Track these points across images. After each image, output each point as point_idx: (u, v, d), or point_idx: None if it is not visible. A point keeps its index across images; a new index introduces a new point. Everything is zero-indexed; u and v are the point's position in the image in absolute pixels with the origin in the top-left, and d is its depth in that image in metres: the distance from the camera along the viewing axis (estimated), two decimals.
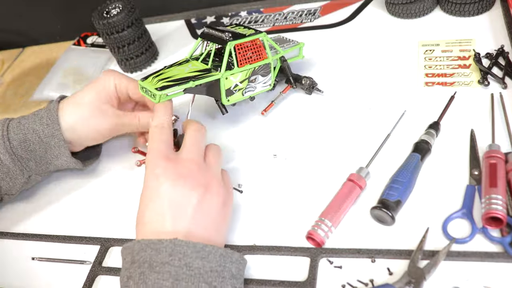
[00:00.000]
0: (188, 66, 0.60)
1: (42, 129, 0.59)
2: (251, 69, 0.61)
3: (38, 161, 0.61)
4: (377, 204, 0.49)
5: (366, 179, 0.53)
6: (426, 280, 0.44)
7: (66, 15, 1.05)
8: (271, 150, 0.62)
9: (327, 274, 0.48)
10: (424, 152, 0.53)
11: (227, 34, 0.59)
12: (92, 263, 0.57)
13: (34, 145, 0.60)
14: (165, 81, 0.56)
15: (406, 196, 0.50)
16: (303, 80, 0.67)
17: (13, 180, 0.61)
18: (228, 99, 0.61)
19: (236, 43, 0.59)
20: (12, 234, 0.64)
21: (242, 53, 0.60)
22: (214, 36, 0.61)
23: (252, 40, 0.60)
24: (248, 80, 0.61)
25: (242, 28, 0.64)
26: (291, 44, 0.69)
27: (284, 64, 0.66)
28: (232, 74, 0.59)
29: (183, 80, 0.56)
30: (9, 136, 0.59)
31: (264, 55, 0.62)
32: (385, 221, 0.49)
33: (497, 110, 0.56)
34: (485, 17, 0.70)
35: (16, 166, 0.60)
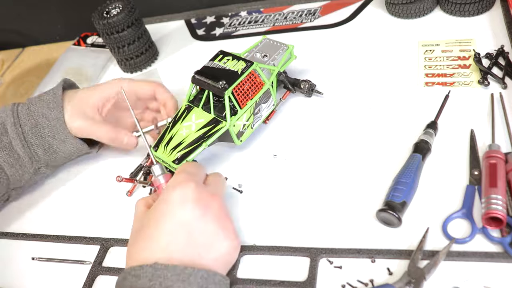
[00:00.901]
0: (192, 118, 0.59)
1: (49, 113, 0.61)
2: (253, 104, 0.60)
3: (46, 148, 0.61)
4: (383, 207, 0.49)
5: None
6: (426, 280, 0.44)
7: (66, 15, 1.05)
8: (271, 150, 0.62)
9: (327, 274, 0.48)
10: (424, 152, 0.53)
11: (221, 83, 0.58)
12: (92, 263, 0.57)
13: (44, 130, 0.61)
14: (179, 149, 0.57)
15: (411, 197, 0.50)
16: (302, 84, 0.66)
17: (22, 169, 0.62)
18: (240, 140, 0.61)
19: (232, 88, 0.58)
20: (12, 234, 0.64)
21: (241, 94, 0.59)
22: (207, 84, 0.59)
23: (246, 76, 0.59)
24: (254, 114, 0.61)
25: (231, 60, 0.62)
26: (281, 51, 0.66)
27: (281, 77, 0.66)
28: (238, 119, 0.59)
29: (195, 143, 0.57)
30: (20, 122, 0.61)
31: (261, 83, 0.61)
32: (392, 223, 0.49)
33: (497, 110, 0.56)
34: (485, 17, 0.70)
35: (26, 154, 0.61)
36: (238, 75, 0.59)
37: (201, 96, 0.61)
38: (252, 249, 0.52)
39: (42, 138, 0.61)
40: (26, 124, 0.61)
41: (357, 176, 0.55)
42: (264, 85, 0.61)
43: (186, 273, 0.43)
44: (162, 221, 0.46)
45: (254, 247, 0.52)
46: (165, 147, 0.57)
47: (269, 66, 0.64)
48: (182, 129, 0.59)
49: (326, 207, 0.54)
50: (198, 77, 0.61)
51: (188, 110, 0.61)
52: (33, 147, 0.61)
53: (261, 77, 0.61)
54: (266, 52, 0.66)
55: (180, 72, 0.82)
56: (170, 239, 0.45)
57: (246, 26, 0.87)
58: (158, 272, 0.43)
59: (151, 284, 0.42)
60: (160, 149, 0.58)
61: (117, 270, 0.55)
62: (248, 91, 0.60)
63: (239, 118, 0.59)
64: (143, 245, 0.46)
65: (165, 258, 0.44)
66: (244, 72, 0.59)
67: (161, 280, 0.42)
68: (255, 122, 0.62)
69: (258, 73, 0.61)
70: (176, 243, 0.45)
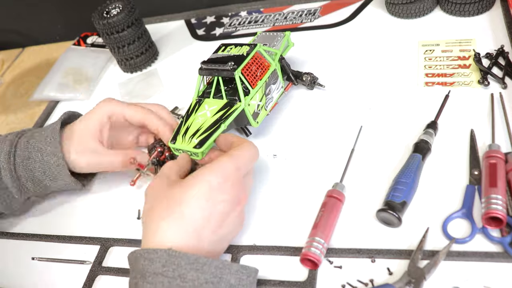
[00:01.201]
0: (205, 107, 0.60)
1: (45, 148, 0.58)
2: (263, 84, 0.61)
3: (36, 182, 0.59)
4: (383, 207, 0.49)
5: (344, 192, 0.53)
6: (426, 280, 0.44)
7: (66, 15, 1.05)
8: (271, 150, 0.62)
9: (327, 274, 0.48)
10: (424, 152, 0.53)
11: (230, 64, 0.59)
12: (92, 263, 0.57)
13: (34, 164, 0.58)
14: (197, 135, 0.56)
15: (411, 196, 0.50)
16: (304, 76, 0.67)
17: (10, 198, 0.60)
18: (257, 121, 0.61)
19: (241, 68, 0.59)
20: (12, 234, 0.64)
21: (250, 74, 0.60)
22: (216, 69, 0.60)
23: (253, 57, 0.60)
24: (265, 95, 0.62)
25: (234, 48, 0.63)
26: (279, 39, 0.69)
27: (283, 62, 0.66)
28: (251, 98, 0.59)
29: (213, 126, 0.56)
30: (16, 153, 0.59)
31: (267, 64, 0.62)
32: (392, 223, 0.49)
33: (497, 110, 0.56)
34: (485, 17, 0.70)
35: (14, 185, 0.59)
36: (244, 57, 0.60)
37: (209, 91, 0.61)
38: (252, 249, 0.52)
39: (31, 172, 0.58)
40: (19, 156, 0.58)
41: (357, 176, 0.55)
42: (270, 65, 0.62)
43: (200, 263, 0.43)
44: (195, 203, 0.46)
45: (254, 247, 0.52)
46: (183, 137, 0.57)
47: (271, 48, 0.65)
48: (197, 118, 0.58)
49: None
50: (205, 66, 0.61)
51: (199, 103, 0.61)
52: (21, 179, 0.59)
53: (266, 58, 0.62)
54: (265, 41, 0.68)
55: (180, 72, 0.82)
56: (202, 223, 0.46)
57: (246, 26, 0.87)
58: (172, 259, 0.42)
59: (163, 270, 0.42)
60: (178, 141, 0.57)
61: (117, 270, 0.55)
62: (256, 71, 0.61)
63: (253, 98, 0.60)
64: (166, 225, 0.45)
65: (191, 243, 0.45)
66: (250, 54, 0.60)
67: (175, 268, 0.42)
68: (268, 104, 0.63)
69: (263, 55, 0.62)
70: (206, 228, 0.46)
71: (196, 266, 0.43)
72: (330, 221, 0.50)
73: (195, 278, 0.42)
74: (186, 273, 0.42)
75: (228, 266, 0.44)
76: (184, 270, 0.42)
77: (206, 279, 0.43)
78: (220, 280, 0.43)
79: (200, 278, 0.42)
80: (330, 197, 0.52)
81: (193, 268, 0.43)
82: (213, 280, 0.43)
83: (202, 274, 0.43)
